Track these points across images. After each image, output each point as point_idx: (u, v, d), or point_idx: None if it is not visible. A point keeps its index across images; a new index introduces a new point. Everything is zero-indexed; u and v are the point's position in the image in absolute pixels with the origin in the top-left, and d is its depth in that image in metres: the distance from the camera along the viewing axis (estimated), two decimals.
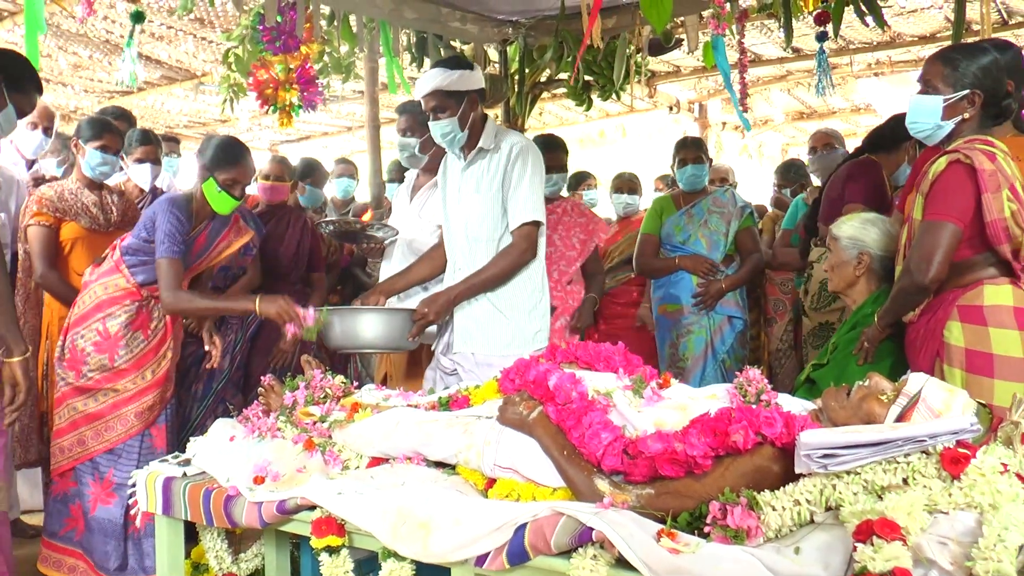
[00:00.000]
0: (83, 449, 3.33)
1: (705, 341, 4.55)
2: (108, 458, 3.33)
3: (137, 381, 3.37)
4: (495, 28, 4.98)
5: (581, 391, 2.23)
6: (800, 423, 1.93)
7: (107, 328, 3.36)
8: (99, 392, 3.35)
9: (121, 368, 3.35)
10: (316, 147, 10.93)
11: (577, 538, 1.83)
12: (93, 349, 3.35)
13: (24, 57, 2.93)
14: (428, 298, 3.28)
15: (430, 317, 3.21)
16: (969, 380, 2.47)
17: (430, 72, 3.35)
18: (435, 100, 3.28)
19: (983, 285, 2.51)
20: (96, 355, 3.35)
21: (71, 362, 3.38)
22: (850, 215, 3.07)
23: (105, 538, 3.30)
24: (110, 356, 3.35)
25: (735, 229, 4.64)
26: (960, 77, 2.56)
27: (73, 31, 6.48)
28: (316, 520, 2.20)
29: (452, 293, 3.26)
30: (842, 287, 2.97)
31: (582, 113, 8.09)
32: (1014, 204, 2.45)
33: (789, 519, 1.78)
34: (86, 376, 3.35)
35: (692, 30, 4.42)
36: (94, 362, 3.34)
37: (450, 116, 3.28)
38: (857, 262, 2.92)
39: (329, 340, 3.23)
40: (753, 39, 7.28)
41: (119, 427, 3.34)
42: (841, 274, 2.96)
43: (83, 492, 3.33)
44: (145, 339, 3.41)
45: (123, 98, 8.36)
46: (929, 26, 7.05)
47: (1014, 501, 1.60)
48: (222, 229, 3.54)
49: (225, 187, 3.31)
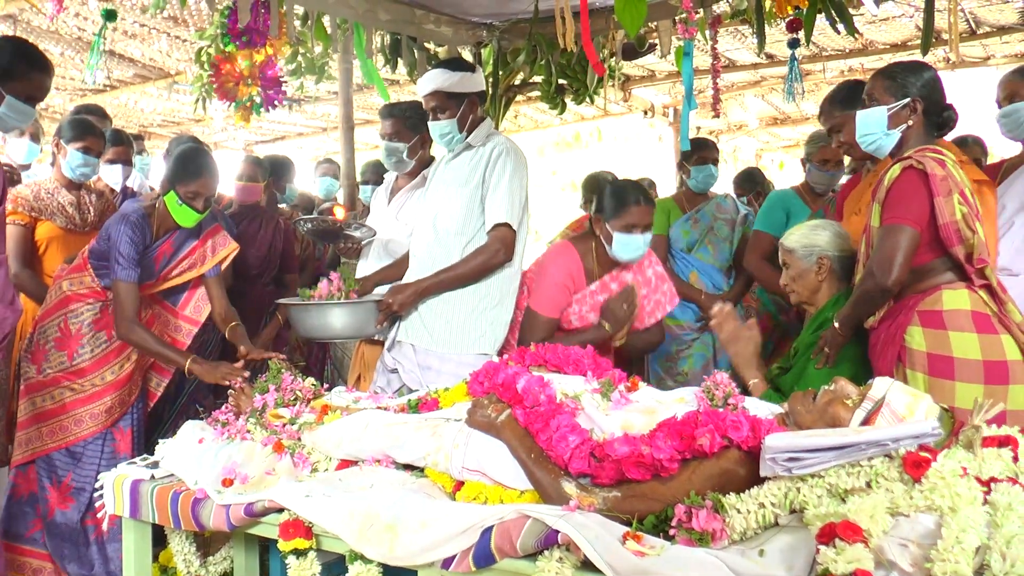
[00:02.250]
0: (40, 444, 3.28)
1: (706, 357, 4.49)
2: (66, 461, 3.28)
3: (96, 381, 3.31)
4: (469, 31, 4.98)
5: (549, 394, 2.24)
6: (766, 427, 1.95)
7: (68, 325, 3.33)
8: (56, 389, 3.29)
9: (80, 367, 3.30)
10: (291, 147, 10.87)
11: (543, 541, 1.84)
12: (53, 345, 3.32)
13: (19, 41, 2.87)
14: (396, 287, 3.31)
15: (395, 306, 3.23)
16: (931, 383, 2.51)
17: (432, 72, 3.37)
18: (436, 100, 3.32)
19: (941, 290, 2.58)
20: (55, 351, 3.31)
21: (34, 356, 3.35)
22: (798, 226, 3.11)
23: (63, 542, 3.26)
24: (69, 353, 3.31)
25: (738, 237, 4.59)
26: (900, 87, 2.69)
27: (44, 28, 6.41)
28: (284, 523, 2.19)
29: (421, 285, 3.27)
30: (807, 296, 3.00)
31: (556, 116, 8.10)
32: (964, 207, 2.53)
33: (754, 522, 1.80)
34: (44, 372, 3.31)
35: (665, 35, 4.44)
36: (53, 358, 3.31)
37: (449, 117, 3.31)
38: (818, 267, 2.95)
39: (298, 332, 3.30)
40: (727, 45, 7.32)
41: (74, 427, 3.29)
42: (804, 283, 2.99)
43: (42, 496, 3.29)
44: (108, 339, 3.35)
45: (96, 96, 8.27)
46: (900, 34, 7.12)
47: (972, 504, 1.63)
48: (190, 240, 3.45)
49: (187, 200, 3.24)
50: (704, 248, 4.56)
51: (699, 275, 4.56)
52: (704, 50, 6.52)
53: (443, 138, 3.36)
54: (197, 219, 3.31)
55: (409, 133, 3.64)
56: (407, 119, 3.61)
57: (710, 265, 4.58)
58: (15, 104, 2.72)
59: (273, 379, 2.91)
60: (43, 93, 2.84)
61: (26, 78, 2.74)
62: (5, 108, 2.72)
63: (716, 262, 4.57)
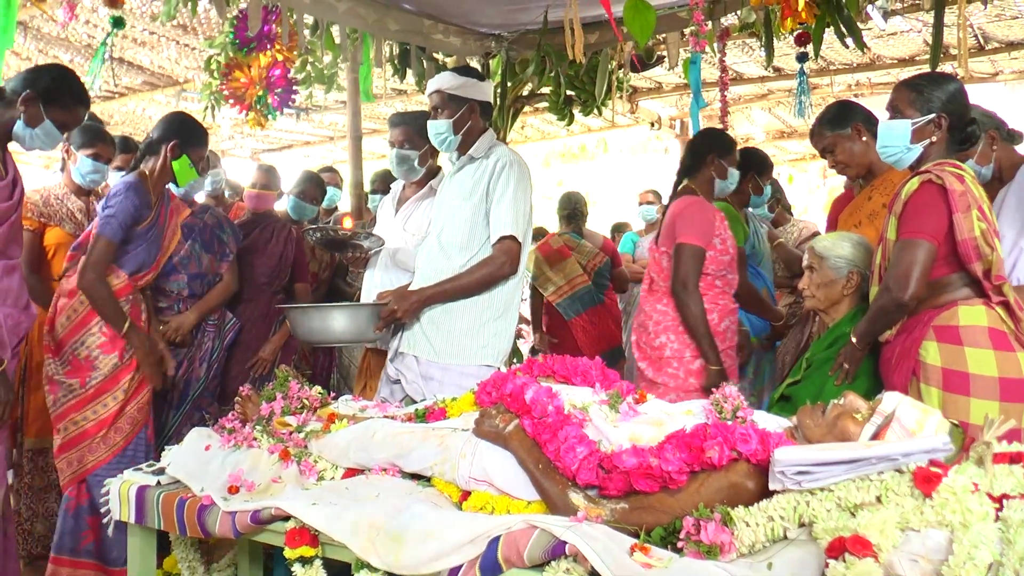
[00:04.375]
0: (94, 457, 3.27)
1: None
2: (115, 466, 3.23)
3: (136, 377, 3.36)
4: (478, 41, 4.99)
5: (557, 405, 2.23)
6: (775, 440, 1.94)
7: (111, 328, 3.31)
8: (107, 396, 3.29)
9: (128, 364, 3.34)
10: (297, 156, 10.90)
11: (550, 552, 1.84)
12: (100, 352, 3.30)
13: (67, 71, 3.03)
14: (399, 293, 3.29)
15: (398, 314, 3.22)
16: (946, 399, 2.50)
17: (439, 74, 3.44)
18: (436, 100, 3.36)
19: (958, 306, 2.55)
20: (104, 356, 3.30)
21: (74, 370, 3.29)
22: (832, 234, 3.08)
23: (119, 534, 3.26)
24: (119, 353, 3.31)
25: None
26: (926, 101, 2.65)
27: (54, 35, 6.44)
28: (290, 530, 2.19)
29: (425, 293, 3.26)
30: (826, 306, 2.98)
31: (564, 128, 8.11)
32: (983, 224, 2.51)
33: (762, 535, 1.79)
34: (89, 384, 3.27)
35: (673, 47, 4.46)
36: (104, 364, 3.29)
37: (446, 118, 3.33)
38: (847, 280, 2.93)
39: (298, 336, 3.29)
40: (735, 58, 7.34)
41: (126, 427, 3.33)
42: (827, 292, 2.96)
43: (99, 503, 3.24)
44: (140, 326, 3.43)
45: (104, 103, 8.31)
46: (908, 49, 7.13)
47: (984, 520, 1.61)
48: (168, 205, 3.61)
49: (196, 164, 3.49)
50: (766, 262, 4.38)
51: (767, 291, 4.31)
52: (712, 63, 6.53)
53: (437, 137, 3.38)
54: (194, 179, 3.55)
55: (420, 141, 3.65)
56: (418, 127, 3.63)
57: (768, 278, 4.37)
58: (50, 129, 2.91)
59: (280, 387, 2.90)
60: (76, 124, 3.05)
61: (66, 108, 2.94)
62: (40, 131, 2.89)
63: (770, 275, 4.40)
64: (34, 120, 2.88)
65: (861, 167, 3.29)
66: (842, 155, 3.28)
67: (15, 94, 2.86)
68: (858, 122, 3.25)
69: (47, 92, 2.89)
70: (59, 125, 2.94)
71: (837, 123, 3.27)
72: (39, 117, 2.88)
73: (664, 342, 3.56)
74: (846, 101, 3.37)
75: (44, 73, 2.94)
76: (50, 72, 2.95)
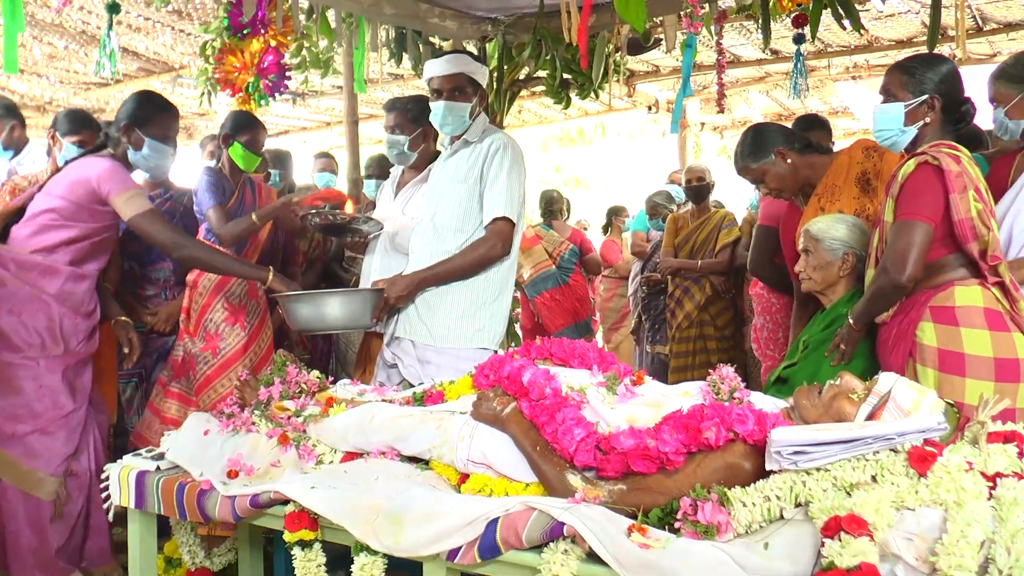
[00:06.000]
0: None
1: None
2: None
3: (260, 347, 3.80)
4: (474, 25, 4.96)
5: (555, 387, 2.24)
6: (771, 421, 1.96)
7: (230, 302, 3.73)
8: (238, 364, 3.66)
9: (251, 334, 3.73)
10: (294, 142, 10.87)
11: (548, 533, 1.85)
12: (225, 325, 3.70)
13: (145, 91, 3.43)
14: (392, 279, 3.30)
15: (391, 300, 3.22)
16: (941, 379, 2.50)
17: (456, 55, 3.44)
18: (456, 82, 3.36)
19: (954, 286, 2.56)
20: (229, 328, 3.70)
21: (206, 344, 3.68)
22: (827, 216, 3.07)
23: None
24: (241, 325, 3.71)
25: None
26: (918, 83, 2.65)
27: (48, 21, 6.41)
28: (289, 514, 2.20)
29: (416, 277, 3.26)
30: (822, 287, 2.98)
31: (561, 111, 8.10)
32: (980, 204, 2.51)
33: (759, 515, 1.80)
34: (222, 352, 3.68)
35: (670, 30, 4.43)
36: (230, 335, 3.69)
37: (466, 101, 3.36)
38: (842, 262, 2.92)
39: (291, 324, 3.28)
40: (732, 40, 7.31)
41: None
42: (824, 274, 2.95)
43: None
44: (256, 301, 3.82)
45: (100, 90, 8.28)
46: (906, 30, 7.11)
47: (977, 499, 1.63)
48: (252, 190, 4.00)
49: (248, 147, 3.83)
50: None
51: None
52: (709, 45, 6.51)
53: (454, 118, 3.37)
54: (257, 162, 3.88)
55: (411, 126, 3.65)
56: (409, 112, 3.62)
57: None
58: (154, 145, 3.23)
59: (278, 372, 2.91)
60: (173, 133, 3.34)
61: (156, 121, 3.25)
62: (147, 150, 3.23)
63: None
64: (138, 144, 3.22)
65: (795, 187, 3.29)
66: (773, 182, 3.28)
67: (117, 130, 3.25)
68: (778, 146, 3.24)
69: (135, 116, 3.22)
70: (160, 139, 3.24)
71: (758, 154, 3.26)
72: (140, 140, 3.21)
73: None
74: (758, 126, 3.37)
75: (129, 101, 3.29)
76: (134, 98, 3.30)
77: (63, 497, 3.12)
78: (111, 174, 3.13)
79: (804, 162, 3.23)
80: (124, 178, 3.17)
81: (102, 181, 3.11)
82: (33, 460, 3.05)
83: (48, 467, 3.06)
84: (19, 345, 3.05)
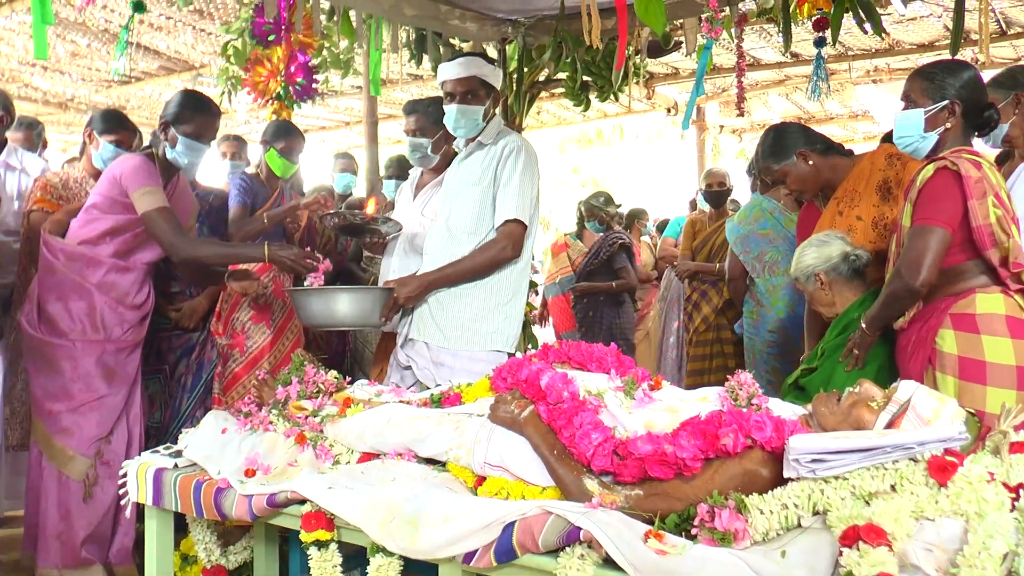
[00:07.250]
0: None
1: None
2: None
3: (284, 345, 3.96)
4: (494, 27, 4.97)
5: (572, 391, 2.23)
6: (790, 428, 1.94)
7: (256, 300, 3.90)
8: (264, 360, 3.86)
9: (276, 332, 3.89)
10: (313, 141, 10.90)
11: (565, 537, 1.84)
12: (251, 323, 3.90)
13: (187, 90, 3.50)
14: (402, 279, 3.29)
15: (400, 300, 3.21)
16: (962, 387, 2.49)
17: (469, 58, 3.42)
18: (468, 85, 3.34)
19: (975, 294, 2.54)
20: (254, 326, 3.90)
21: (235, 342, 3.88)
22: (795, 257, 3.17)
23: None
24: (267, 322, 3.91)
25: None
26: (938, 89, 2.64)
27: (72, 19, 6.46)
28: (306, 514, 2.21)
29: (427, 279, 3.26)
30: (830, 311, 3.05)
31: (580, 113, 8.08)
32: (999, 210, 2.49)
33: (776, 523, 1.79)
34: (249, 349, 3.89)
35: (691, 33, 4.42)
36: (256, 332, 3.85)
37: (478, 104, 3.35)
38: (819, 284, 3.01)
39: (302, 319, 3.30)
40: (752, 43, 7.28)
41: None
42: (821, 303, 3.07)
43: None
44: (282, 299, 4.00)
45: (121, 88, 8.34)
46: (928, 34, 7.06)
47: (999, 510, 1.61)
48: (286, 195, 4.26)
49: (284, 154, 4.11)
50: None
51: None
52: (729, 48, 6.49)
53: (467, 121, 3.36)
54: (294, 169, 4.20)
55: (433, 128, 3.65)
56: (430, 114, 3.63)
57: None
58: (187, 143, 3.29)
59: (296, 371, 2.92)
60: (211, 132, 3.39)
61: (191, 120, 3.29)
62: (181, 147, 3.29)
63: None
64: (173, 141, 3.30)
65: (816, 188, 3.29)
66: (795, 183, 3.28)
67: (159, 127, 3.34)
68: (800, 147, 3.24)
69: (173, 114, 3.29)
70: (194, 137, 3.30)
71: (780, 155, 3.27)
72: (175, 138, 3.29)
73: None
74: (779, 127, 3.38)
75: (172, 99, 3.38)
76: (176, 96, 3.38)
77: (92, 478, 3.25)
78: (133, 170, 3.24)
79: (826, 164, 3.23)
80: (144, 175, 3.23)
81: (124, 176, 3.24)
82: (65, 438, 3.21)
83: (80, 447, 3.21)
84: (64, 330, 3.24)
